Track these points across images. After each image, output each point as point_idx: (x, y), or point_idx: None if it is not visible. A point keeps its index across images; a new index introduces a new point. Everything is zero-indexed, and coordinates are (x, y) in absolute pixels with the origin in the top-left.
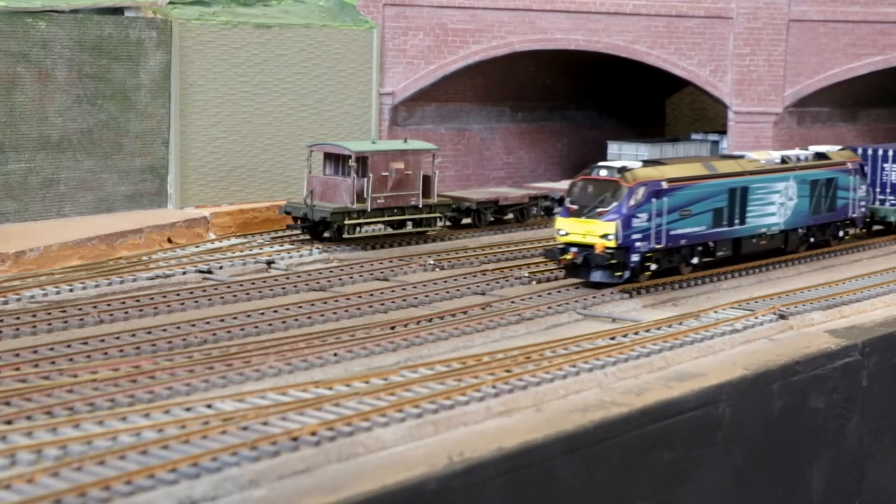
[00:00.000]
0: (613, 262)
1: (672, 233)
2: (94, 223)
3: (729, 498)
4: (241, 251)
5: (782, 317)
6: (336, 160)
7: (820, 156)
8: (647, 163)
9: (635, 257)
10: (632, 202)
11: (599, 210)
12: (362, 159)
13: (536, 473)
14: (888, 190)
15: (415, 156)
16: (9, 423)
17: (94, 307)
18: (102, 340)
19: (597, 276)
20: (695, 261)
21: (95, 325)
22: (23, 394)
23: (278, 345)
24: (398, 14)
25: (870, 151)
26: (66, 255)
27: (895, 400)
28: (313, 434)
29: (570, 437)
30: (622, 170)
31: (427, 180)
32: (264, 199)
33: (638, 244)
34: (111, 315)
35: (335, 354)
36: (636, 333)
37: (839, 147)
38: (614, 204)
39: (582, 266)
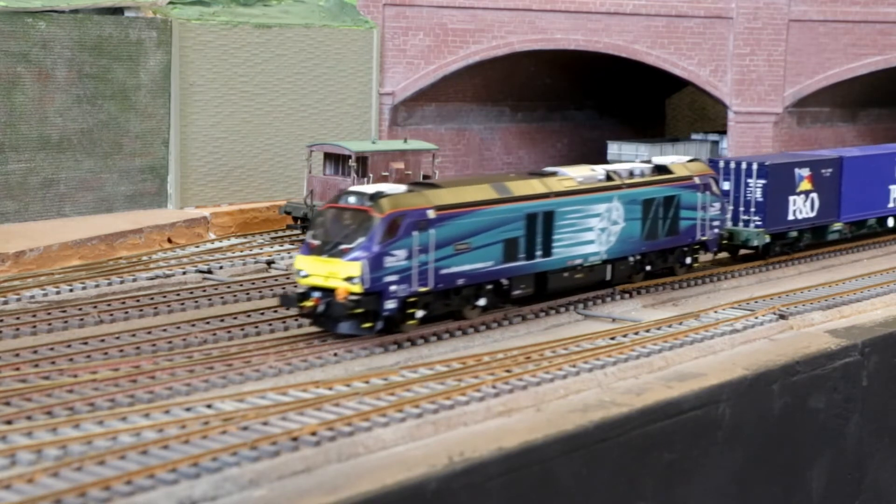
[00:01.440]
0: (360, 310)
1: (445, 272)
2: (94, 223)
3: (729, 498)
4: (241, 251)
5: (782, 317)
6: (336, 160)
7: (660, 170)
8: (416, 186)
9: (391, 304)
10: (384, 236)
11: (343, 247)
12: (362, 159)
13: (536, 473)
14: (752, 209)
15: (415, 156)
16: (9, 423)
17: (94, 307)
18: (102, 340)
19: (343, 327)
20: (482, 302)
21: (95, 325)
22: (23, 394)
23: (278, 345)
24: (398, 14)
25: (732, 164)
26: (66, 255)
27: (895, 400)
28: (313, 434)
29: (570, 437)
30: (375, 196)
31: (427, 180)
32: (264, 199)
33: (394, 288)
34: (111, 315)
35: (335, 354)
36: (636, 333)
37: (688, 158)
38: (361, 239)
39: (325, 315)
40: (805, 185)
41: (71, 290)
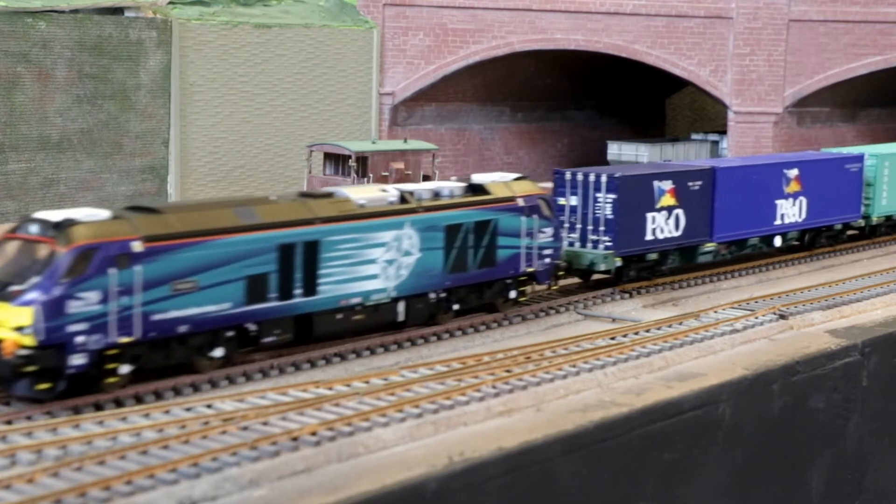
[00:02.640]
0: (34, 368)
1: (159, 317)
2: None
3: (729, 498)
4: None
5: (782, 317)
6: (336, 160)
7: (475, 190)
8: (128, 210)
9: (78, 359)
10: (68, 275)
11: (14, 288)
12: (362, 159)
13: (536, 473)
14: (601, 228)
15: (415, 156)
16: (9, 423)
17: None
18: None
19: (19, 388)
20: (218, 353)
21: None
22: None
23: None
24: (398, 14)
25: (579, 177)
26: None
27: (895, 400)
28: (313, 434)
29: (570, 437)
30: (62, 224)
31: (427, 181)
32: None
33: (82, 339)
34: None
35: (335, 354)
36: (636, 333)
37: (515, 176)
38: (37, 279)
39: None
40: (667, 201)
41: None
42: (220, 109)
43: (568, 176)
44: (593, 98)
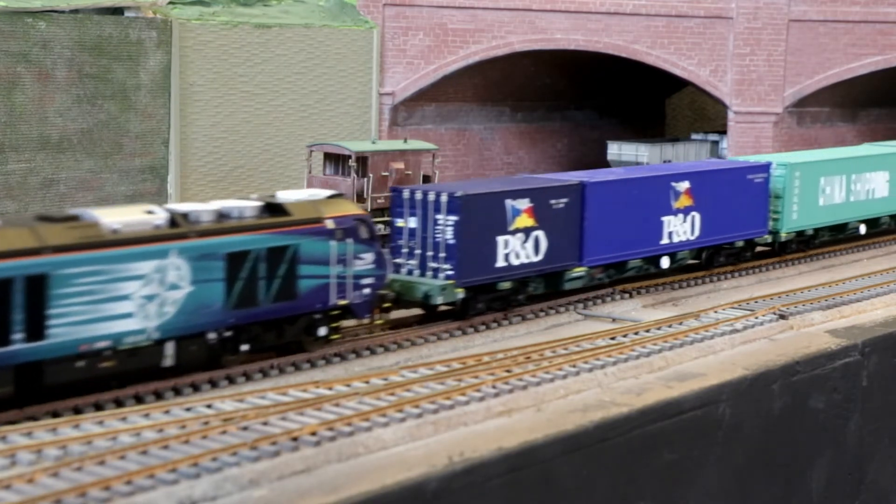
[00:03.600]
0: None
1: None
2: None
3: (729, 498)
4: None
5: (782, 317)
6: (336, 160)
7: (272, 210)
8: None
9: None
10: None
11: None
12: (362, 159)
13: (536, 473)
14: (442, 254)
15: (415, 156)
16: (10, 422)
17: None
18: None
19: None
20: None
21: None
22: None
23: None
24: (398, 14)
25: (418, 195)
26: None
27: (895, 400)
28: (313, 434)
29: (570, 437)
30: None
31: (427, 180)
32: None
33: None
34: None
35: (335, 354)
36: (636, 333)
37: (328, 194)
38: None
39: None
40: (524, 221)
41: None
42: (220, 109)
43: (406, 195)
44: (593, 98)
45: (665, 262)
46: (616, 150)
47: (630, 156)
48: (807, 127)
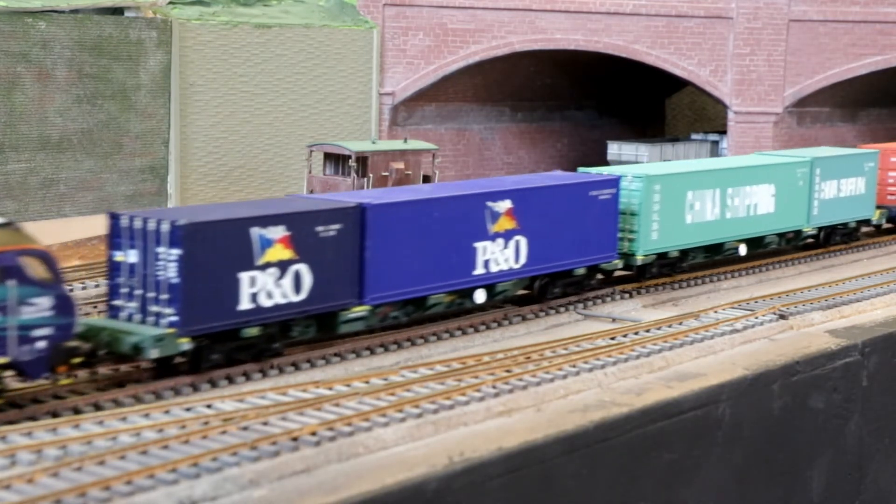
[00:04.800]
0: None
1: None
2: (94, 223)
3: (729, 498)
4: None
5: (782, 317)
6: (336, 160)
7: None
8: None
9: None
10: None
11: None
12: (362, 159)
13: (536, 473)
14: (163, 295)
15: (415, 156)
16: (10, 422)
17: (95, 307)
18: None
19: None
20: None
21: None
22: (24, 394)
23: None
24: (398, 14)
25: (137, 223)
26: (66, 255)
27: (895, 400)
28: (313, 434)
29: (570, 437)
30: None
31: (427, 180)
32: None
33: None
34: None
35: (335, 354)
36: (636, 333)
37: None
38: None
39: None
40: (277, 254)
41: (71, 290)
42: (220, 109)
43: (125, 222)
44: (593, 98)
45: (480, 296)
46: (616, 149)
47: (630, 156)
48: (807, 127)
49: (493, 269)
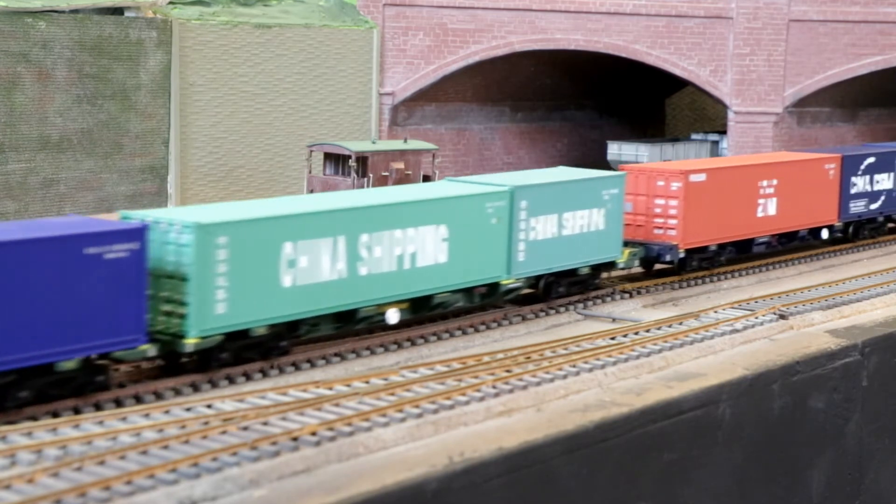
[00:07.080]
0: None
1: None
2: None
3: (729, 498)
4: None
5: (782, 317)
6: (336, 160)
7: None
8: None
9: None
10: None
11: None
12: (362, 159)
13: (536, 473)
14: None
15: (415, 156)
16: (10, 422)
17: None
18: None
19: None
20: None
21: None
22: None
23: None
24: (398, 14)
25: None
26: None
27: (895, 400)
28: (313, 434)
29: (570, 437)
30: None
31: (427, 180)
32: None
33: None
34: None
35: (335, 354)
36: (636, 333)
37: None
38: None
39: None
40: None
41: None
42: (220, 109)
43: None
44: (593, 98)
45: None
46: (616, 149)
47: (630, 156)
48: (807, 127)
49: None
